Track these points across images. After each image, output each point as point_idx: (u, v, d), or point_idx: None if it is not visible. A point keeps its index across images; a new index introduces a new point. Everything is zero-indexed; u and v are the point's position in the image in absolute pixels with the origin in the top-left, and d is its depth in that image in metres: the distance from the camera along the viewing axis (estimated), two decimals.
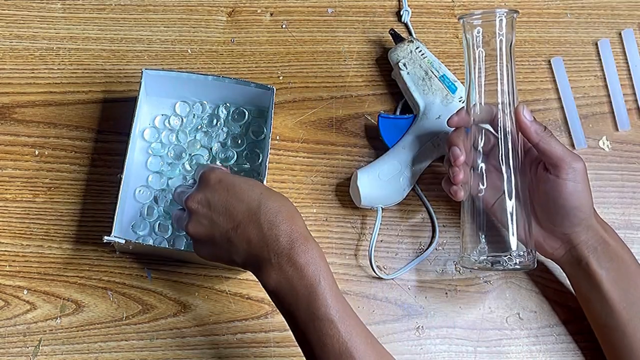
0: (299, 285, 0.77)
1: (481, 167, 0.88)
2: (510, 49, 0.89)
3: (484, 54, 0.88)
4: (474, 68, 0.89)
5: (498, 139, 0.88)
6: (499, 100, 0.88)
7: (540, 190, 0.88)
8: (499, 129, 0.88)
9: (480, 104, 0.88)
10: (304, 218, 0.96)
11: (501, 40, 0.88)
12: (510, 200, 0.87)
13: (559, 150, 0.86)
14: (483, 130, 0.89)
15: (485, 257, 0.87)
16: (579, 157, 0.87)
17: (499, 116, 0.87)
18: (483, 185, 0.88)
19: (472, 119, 0.89)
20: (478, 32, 0.88)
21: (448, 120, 0.91)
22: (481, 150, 0.88)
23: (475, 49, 0.88)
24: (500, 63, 0.88)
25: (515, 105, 0.88)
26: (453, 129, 0.91)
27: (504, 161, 0.87)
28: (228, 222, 0.80)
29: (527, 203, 0.88)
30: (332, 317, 0.77)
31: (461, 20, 0.89)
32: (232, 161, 0.96)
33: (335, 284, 0.79)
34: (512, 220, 0.87)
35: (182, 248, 0.93)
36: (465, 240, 0.89)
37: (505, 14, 0.88)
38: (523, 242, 0.87)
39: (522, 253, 0.87)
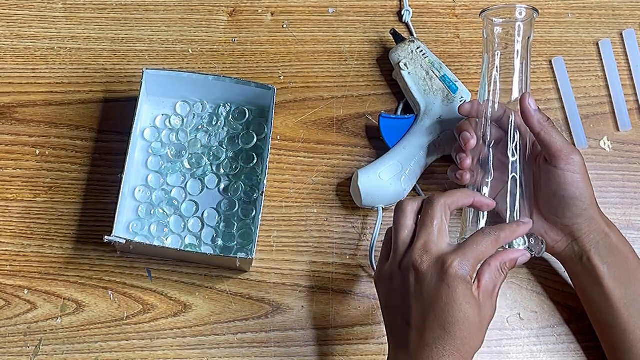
0: None
1: (488, 159, 0.89)
2: (528, 45, 0.90)
3: (500, 50, 0.90)
4: (491, 62, 0.90)
5: (507, 134, 0.89)
6: (513, 95, 0.89)
7: (542, 182, 0.89)
8: (510, 121, 0.89)
9: (494, 101, 0.90)
10: (304, 218, 0.96)
11: (519, 36, 0.89)
12: (515, 188, 0.88)
13: (559, 141, 0.87)
14: (491, 124, 0.90)
15: None
16: (577, 151, 0.88)
17: (509, 112, 0.89)
18: (489, 177, 0.89)
19: (482, 111, 0.90)
20: (498, 27, 0.90)
21: (459, 107, 0.92)
22: (488, 143, 0.89)
23: (495, 43, 0.90)
24: (516, 58, 0.89)
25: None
26: (462, 118, 0.93)
27: (511, 152, 0.88)
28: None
29: (530, 194, 0.89)
30: None
31: (482, 15, 0.91)
32: (228, 160, 0.96)
33: None
34: (514, 207, 0.87)
35: (182, 248, 0.93)
36: (465, 226, 0.89)
37: (524, 10, 0.89)
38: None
39: (525, 239, 0.87)
